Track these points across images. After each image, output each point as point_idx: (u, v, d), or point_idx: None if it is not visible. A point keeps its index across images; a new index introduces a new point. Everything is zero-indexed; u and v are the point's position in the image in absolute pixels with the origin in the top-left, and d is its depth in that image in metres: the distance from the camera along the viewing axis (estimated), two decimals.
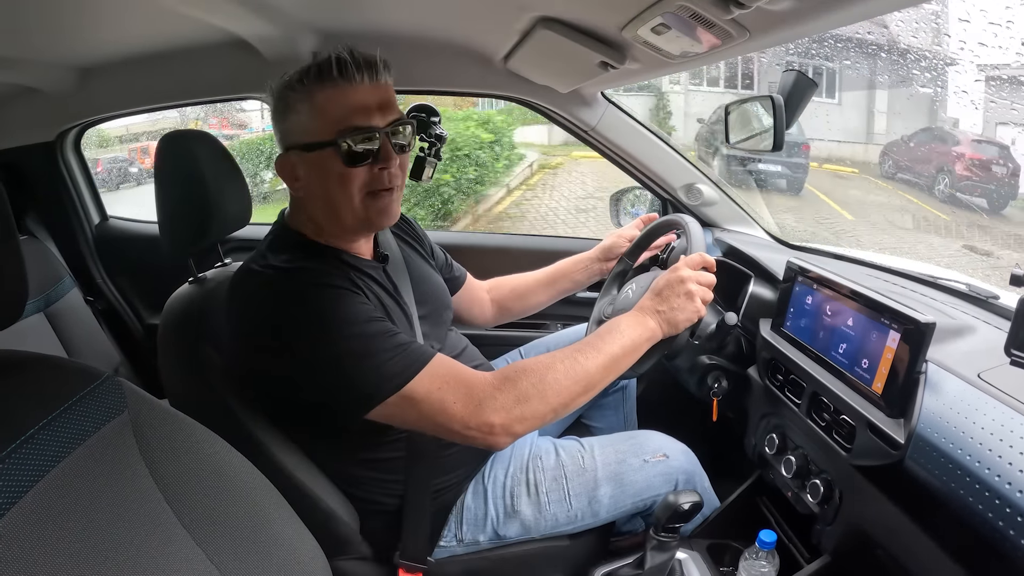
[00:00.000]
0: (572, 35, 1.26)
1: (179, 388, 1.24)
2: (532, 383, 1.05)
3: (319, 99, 1.07)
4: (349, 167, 1.09)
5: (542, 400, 1.05)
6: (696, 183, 1.89)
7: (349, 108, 1.07)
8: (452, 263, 1.61)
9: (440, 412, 1.03)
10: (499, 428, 1.03)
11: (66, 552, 0.63)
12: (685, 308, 1.18)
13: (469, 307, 1.66)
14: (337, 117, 1.07)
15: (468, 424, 1.03)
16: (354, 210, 1.12)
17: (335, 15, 1.50)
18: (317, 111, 1.08)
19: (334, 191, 1.11)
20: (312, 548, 0.95)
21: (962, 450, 0.84)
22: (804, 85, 1.36)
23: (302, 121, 1.10)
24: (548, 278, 1.70)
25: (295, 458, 1.19)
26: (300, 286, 1.06)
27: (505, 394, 1.04)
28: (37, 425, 0.68)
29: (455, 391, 1.03)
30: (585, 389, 1.09)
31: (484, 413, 1.02)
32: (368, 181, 1.11)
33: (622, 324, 1.16)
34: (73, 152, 2.13)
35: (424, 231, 1.54)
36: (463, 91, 1.90)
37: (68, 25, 1.40)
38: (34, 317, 1.86)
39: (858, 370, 1.06)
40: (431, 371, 1.04)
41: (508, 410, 1.03)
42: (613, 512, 1.32)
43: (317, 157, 1.09)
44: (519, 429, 1.05)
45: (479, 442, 1.05)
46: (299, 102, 1.09)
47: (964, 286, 1.28)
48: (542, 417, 1.06)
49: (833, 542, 1.16)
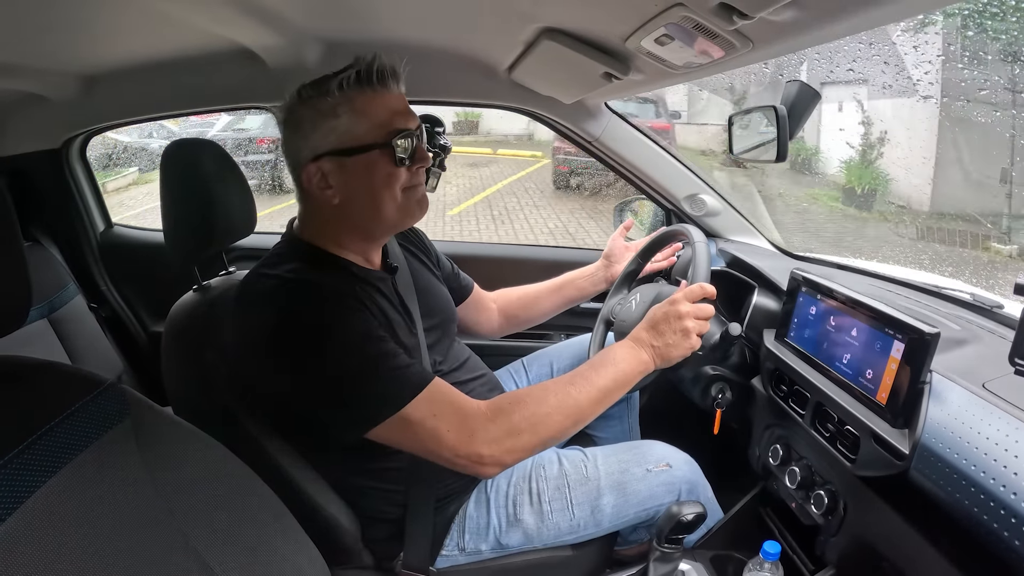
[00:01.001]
0: (576, 46, 1.27)
1: (182, 396, 1.24)
2: (524, 416, 1.07)
3: (359, 104, 1.10)
4: (398, 168, 1.13)
5: (533, 433, 1.07)
6: (699, 194, 1.89)
7: (391, 112, 1.12)
8: (459, 273, 1.61)
9: (432, 439, 1.04)
10: (488, 459, 1.05)
11: (67, 559, 0.63)
12: (679, 345, 1.19)
13: (476, 317, 1.67)
14: (382, 121, 1.11)
15: (458, 452, 1.04)
16: (397, 207, 1.16)
17: (340, 25, 1.51)
18: (361, 115, 1.11)
19: (379, 191, 1.14)
20: (314, 557, 0.95)
21: (967, 460, 0.84)
22: (807, 95, 1.37)
23: (343, 126, 1.11)
24: (554, 287, 1.71)
25: (297, 467, 1.18)
26: (305, 300, 1.07)
27: (497, 426, 1.06)
28: (40, 431, 0.68)
29: (449, 419, 1.05)
30: (575, 423, 1.12)
31: (475, 444, 1.04)
32: (407, 179, 1.15)
33: (617, 355, 1.18)
34: (79, 159, 2.14)
35: (431, 241, 1.54)
36: (467, 101, 1.91)
37: (74, 33, 1.41)
38: (38, 323, 1.86)
39: (862, 380, 1.06)
40: (428, 396, 1.05)
41: (499, 442, 1.05)
42: (616, 522, 1.31)
43: (363, 160, 1.12)
44: (508, 460, 1.07)
45: (467, 470, 1.07)
46: (340, 107, 1.10)
47: (968, 295, 1.28)
48: (531, 449, 1.09)
49: (837, 553, 1.15)
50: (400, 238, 1.41)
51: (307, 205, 1.20)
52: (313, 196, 1.15)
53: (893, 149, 6.70)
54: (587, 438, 1.73)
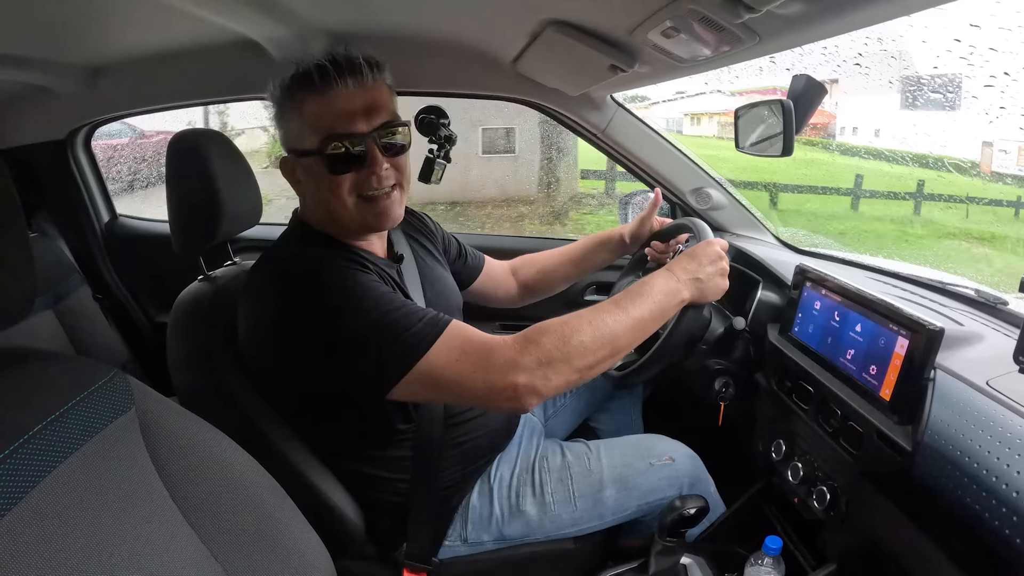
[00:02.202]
0: (582, 38, 1.26)
1: (187, 386, 1.24)
2: (556, 345, 1.01)
3: (305, 107, 1.08)
4: (334, 174, 1.09)
5: (567, 362, 1.02)
6: (705, 187, 1.88)
7: (332, 115, 1.07)
8: (467, 251, 1.61)
9: (463, 381, 1.01)
10: (524, 389, 1.00)
11: (72, 547, 0.63)
12: (718, 282, 1.18)
13: (494, 289, 1.66)
14: (321, 125, 1.08)
15: (493, 388, 1.00)
16: (349, 214, 1.13)
17: (345, 17, 1.50)
18: (304, 119, 1.09)
19: (326, 196, 1.12)
20: (317, 547, 0.95)
21: (970, 458, 0.84)
22: (814, 89, 1.36)
23: (292, 128, 1.11)
24: (573, 253, 1.67)
25: (303, 456, 1.19)
26: (315, 268, 1.07)
27: (528, 356, 1.00)
28: (44, 421, 0.68)
29: (476, 357, 1.01)
30: (611, 352, 1.06)
31: (508, 376, 1.00)
32: (357, 185, 1.11)
33: (654, 286, 1.13)
34: (83, 150, 2.14)
35: (437, 224, 1.54)
36: (472, 93, 1.91)
37: (80, 25, 1.41)
38: (43, 314, 1.86)
39: (866, 376, 1.05)
40: (449, 340, 1.02)
41: (532, 372, 1.00)
42: (618, 515, 1.32)
43: (307, 163, 1.11)
44: (544, 390, 1.01)
45: (506, 407, 1.03)
46: (289, 110, 1.11)
47: (973, 292, 1.27)
48: (567, 378, 1.03)
49: (839, 549, 1.15)
50: (404, 226, 1.39)
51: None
52: (293, 188, 1.18)
53: None
54: (591, 432, 1.74)
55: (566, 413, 1.68)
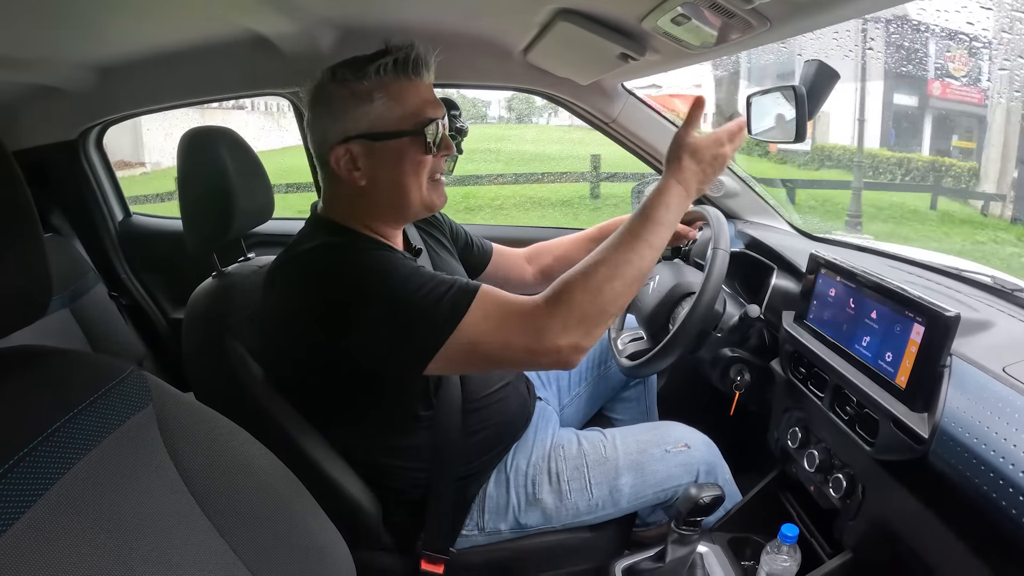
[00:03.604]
0: (592, 27, 1.26)
1: (203, 381, 1.26)
2: (589, 299, 1.02)
3: (394, 90, 1.11)
4: (426, 155, 1.13)
5: (603, 312, 1.03)
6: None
7: (422, 101, 1.13)
8: (474, 240, 1.61)
9: (504, 348, 1.02)
10: (567, 349, 1.01)
11: (92, 543, 0.64)
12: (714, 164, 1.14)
13: (506, 276, 1.66)
14: (415, 108, 1.12)
15: (536, 352, 1.02)
16: (421, 195, 1.16)
17: (355, 11, 1.50)
18: (395, 102, 1.11)
19: (407, 178, 1.14)
20: (335, 539, 0.96)
21: (986, 445, 0.83)
22: (826, 75, 1.34)
23: (376, 111, 1.11)
24: (589, 239, 1.66)
25: (320, 449, 1.20)
26: (346, 253, 1.09)
27: (562, 315, 1.01)
28: (63, 419, 0.69)
29: (512, 324, 1.02)
30: (635, 280, 1.07)
31: (548, 338, 1.01)
32: (432, 167, 1.15)
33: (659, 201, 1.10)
34: (96, 150, 2.16)
35: (443, 214, 1.55)
36: (483, 84, 1.90)
37: (89, 25, 1.42)
38: (60, 312, 1.88)
39: (882, 363, 1.05)
40: (482, 307, 1.03)
41: (570, 330, 1.01)
42: (634, 502, 1.32)
43: (392, 146, 1.12)
44: (586, 344, 1.03)
45: (550, 367, 1.05)
46: (375, 91, 1.11)
47: (989, 279, 1.26)
48: (604, 323, 1.04)
49: (855, 537, 1.15)
50: (416, 221, 1.41)
51: (333, 186, 1.19)
52: (340, 177, 1.15)
53: None
54: (606, 420, 1.74)
55: (581, 402, 1.69)
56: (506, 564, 1.32)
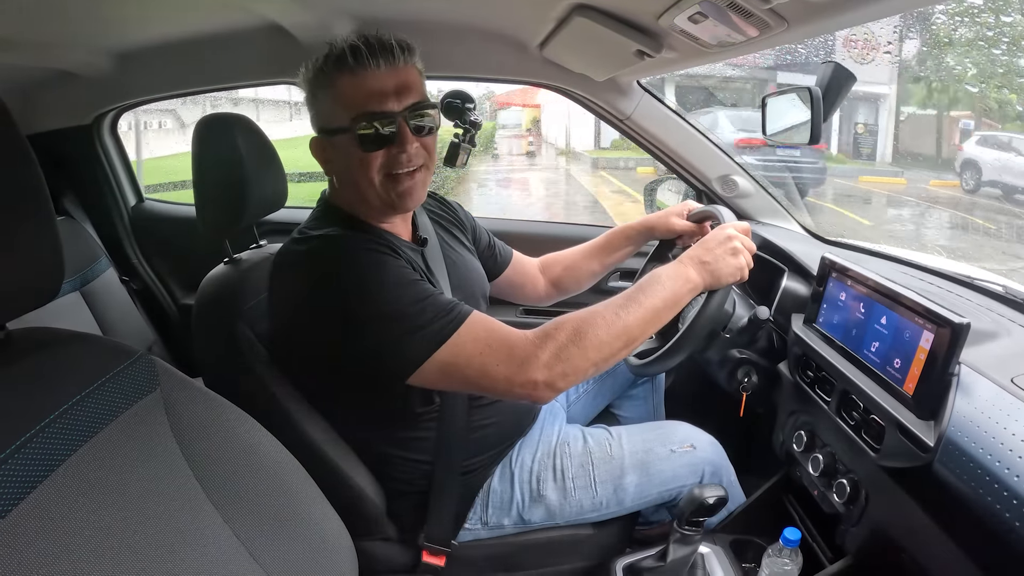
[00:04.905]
0: (608, 23, 1.25)
1: (212, 367, 1.26)
2: (572, 340, 1.05)
3: (338, 86, 1.09)
4: (365, 152, 1.11)
5: (583, 357, 1.05)
6: (731, 175, 1.86)
7: (365, 94, 1.09)
8: (496, 243, 1.60)
9: (483, 374, 1.04)
10: (543, 385, 1.03)
11: (96, 525, 0.65)
12: (729, 262, 1.18)
13: (521, 284, 1.66)
14: (353, 103, 1.09)
15: (513, 382, 1.04)
16: (376, 192, 1.14)
17: (371, 0, 1.50)
18: (336, 98, 1.10)
19: (356, 174, 1.13)
20: (338, 527, 0.97)
21: (992, 456, 0.83)
22: (842, 77, 1.34)
23: (324, 107, 1.13)
24: (597, 248, 1.65)
25: (326, 437, 1.21)
26: (342, 249, 1.09)
27: (546, 352, 1.04)
28: (71, 400, 0.70)
29: (497, 352, 1.04)
30: (625, 344, 1.09)
31: (527, 372, 1.03)
32: (386, 163, 1.12)
33: (663, 275, 1.15)
34: (109, 135, 2.17)
35: (468, 214, 1.54)
36: (499, 78, 1.90)
37: (105, 11, 1.43)
38: (70, 296, 1.90)
39: (890, 370, 1.04)
40: (471, 330, 1.05)
41: (550, 367, 1.03)
42: (638, 501, 1.32)
43: (338, 142, 1.12)
44: (562, 385, 1.05)
45: (523, 399, 1.07)
46: (320, 89, 1.12)
47: (1000, 287, 1.25)
48: (584, 372, 1.07)
49: (857, 543, 1.15)
50: (430, 212, 1.41)
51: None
52: (322, 167, 1.20)
53: None
54: (612, 418, 1.74)
55: (588, 399, 1.68)
56: (507, 558, 1.32)
